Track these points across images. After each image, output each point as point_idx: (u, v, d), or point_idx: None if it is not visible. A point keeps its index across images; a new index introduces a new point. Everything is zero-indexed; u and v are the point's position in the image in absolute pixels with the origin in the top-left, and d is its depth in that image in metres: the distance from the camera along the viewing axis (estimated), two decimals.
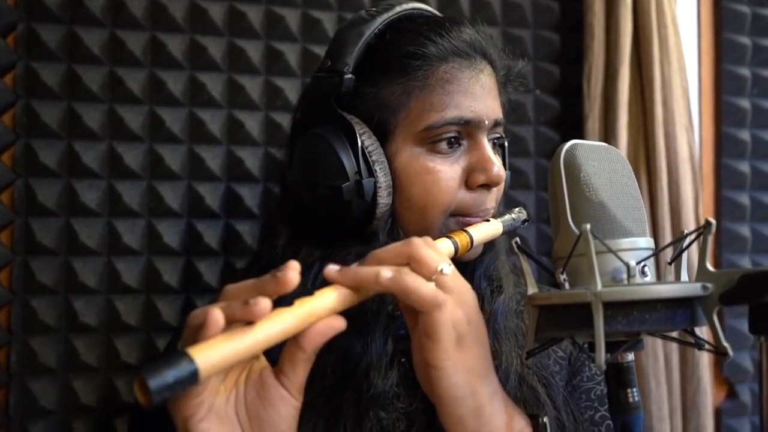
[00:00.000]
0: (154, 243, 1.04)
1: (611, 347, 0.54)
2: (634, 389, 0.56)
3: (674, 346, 1.27)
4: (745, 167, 1.44)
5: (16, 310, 0.97)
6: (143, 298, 1.03)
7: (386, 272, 0.59)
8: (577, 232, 0.54)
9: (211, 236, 1.06)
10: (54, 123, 1.00)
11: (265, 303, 0.52)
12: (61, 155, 1.00)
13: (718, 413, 1.38)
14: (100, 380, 1.00)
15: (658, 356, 1.25)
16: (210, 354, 0.50)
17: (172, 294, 1.04)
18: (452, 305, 0.60)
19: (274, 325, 0.53)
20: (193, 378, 0.48)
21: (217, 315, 0.52)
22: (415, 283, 0.59)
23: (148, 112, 1.04)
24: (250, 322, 0.52)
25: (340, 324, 0.57)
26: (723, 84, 1.43)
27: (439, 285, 0.60)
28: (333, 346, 0.71)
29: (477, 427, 0.60)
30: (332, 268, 0.60)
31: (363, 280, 0.59)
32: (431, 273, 0.60)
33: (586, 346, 0.60)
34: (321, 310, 0.56)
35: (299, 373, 0.57)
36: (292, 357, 0.57)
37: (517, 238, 0.62)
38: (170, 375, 0.47)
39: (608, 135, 1.26)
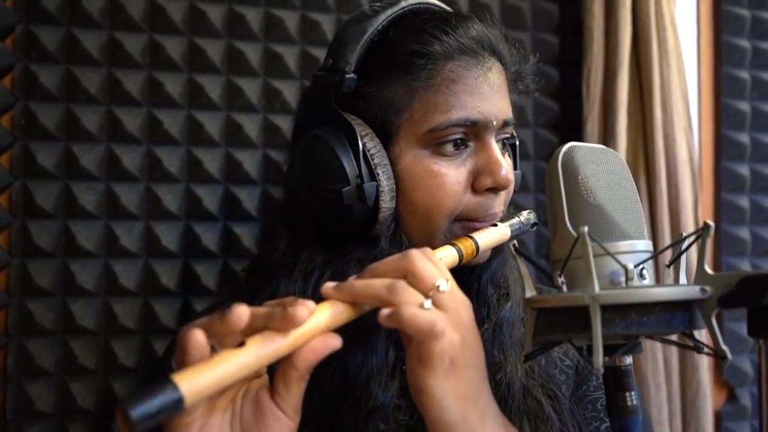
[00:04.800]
0: (152, 245, 1.03)
1: (609, 350, 0.53)
2: (633, 392, 0.56)
3: (674, 350, 1.26)
4: (744, 170, 1.44)
5: (13, 313, 0.97)
6: (141, 301, 1.03)
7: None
8: (574, 234, 0.54)
9: (209, 239, 1.06)
10: (52, 125, 0.99)
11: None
12: (59, 157, 1.00)
13: (718, 417, 1.37)
14: (98, 383, 1.00)
15: (657, 359, 1.24)
16: (196, 381, 0.48)
17: (170, 297, 1.04)
18: (448, 328, 0.57)
19: (265, 346, 0.52)
20: (177, 406, 0.46)
21: (199, 337, 0.51)
22: (412, 313, 0.56)
23: (146, 114, 1.04)
24: (241, 343, 0.51)
25: (335, 342, 0.55)
26: (722, 87, 1.43)
27: (435, 302, 0.57)
28: (333, 357, 0.70)
29: None
30: (329, 286, 0.58)
31: (359, 297, 0.58)
32: (428, 289, 0.58)
33: (584, 349, 0.60)
34: (315, 328, 0.55)
35: (293, 392, 0.55)
36: (285, 376, 0.54)
37: (515, 241, 0.61)
38: (153, 404, 0.45)
39: (607, 137, 1.26)
